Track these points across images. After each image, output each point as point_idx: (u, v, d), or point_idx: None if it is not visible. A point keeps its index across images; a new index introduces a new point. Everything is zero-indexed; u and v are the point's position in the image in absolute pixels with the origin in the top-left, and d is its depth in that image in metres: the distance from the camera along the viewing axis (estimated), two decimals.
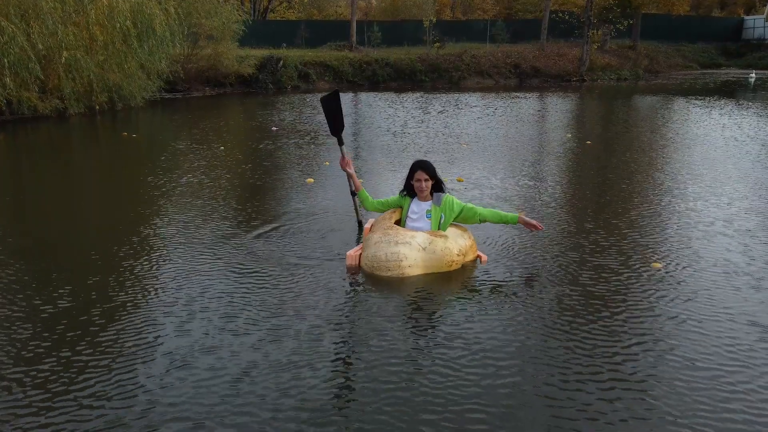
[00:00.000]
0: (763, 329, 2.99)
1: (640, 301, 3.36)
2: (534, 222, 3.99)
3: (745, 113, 13.02)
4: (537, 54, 25.38)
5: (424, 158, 4.42)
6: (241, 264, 3.96)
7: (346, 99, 18.28)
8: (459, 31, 31.03)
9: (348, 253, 3.93)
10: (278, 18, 35.55)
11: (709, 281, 3.63)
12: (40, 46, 12.05)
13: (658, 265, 3.85)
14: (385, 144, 9.25)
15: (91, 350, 2.80)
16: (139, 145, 9.82)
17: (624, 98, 18.73)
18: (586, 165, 7.80)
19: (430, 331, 3.04)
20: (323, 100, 4.50)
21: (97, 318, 3.16)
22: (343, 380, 2.54)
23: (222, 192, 6.11)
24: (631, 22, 26.62)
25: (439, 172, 4.15)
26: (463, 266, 3.84)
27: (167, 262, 4.02)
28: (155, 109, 15.32)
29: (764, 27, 35.35)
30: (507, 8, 36.87)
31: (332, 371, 2.61)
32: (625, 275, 3.74)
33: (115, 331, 2.99)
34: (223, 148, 8.86)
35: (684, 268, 3.87)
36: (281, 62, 21.86)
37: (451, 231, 3.93)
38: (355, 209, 4.77)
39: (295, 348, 2.81)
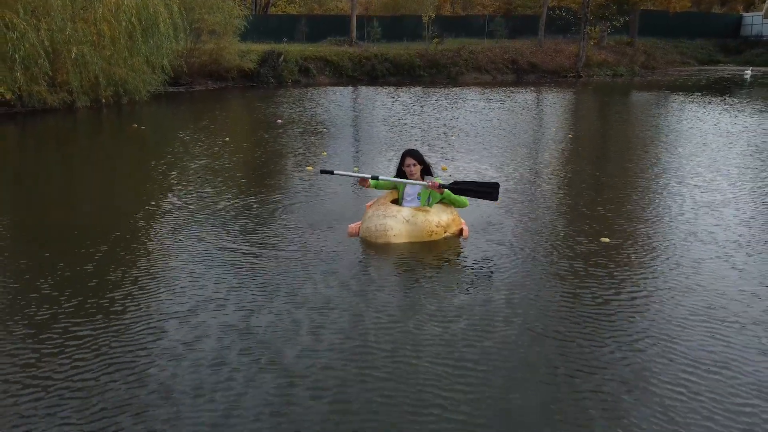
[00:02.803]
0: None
1: (594, 267, 4.02)
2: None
3: (727, 109, 13.65)
4: (534, 50, 25.97)
5: (415, 147, 5.06)
6: (252, 235, 4.62)
7: (345, 93, 18.93)
8: (458, 26, 31.61)
9: (350, 226, 4.64)
10: (279, 12, 36.10)
11: (664, 254, 4.30)
12: (47, 42, 12.65)
13: (606, 240, 4.51)
14: (382, 135, 9.90)
15: (109, 321, 3.47)
16: (147, 136, 10.47)
17: (615, 94, 19.36)
18: (564, 154, 8.45)
19: (409, 290, 3.71)
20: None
21: (112, 290, 3.82)
22: (338, 339, 3.20)
23: (229, 177, 6.77)
24: (627, 18, 27.16)
25: (428, 159, 4.81)
26: (447, 238, 4.50)
27: (181, 236, 4.67)
28: (159, 103, 15.95)
29: (762, 24, 35.90)
30: (506, 4, 37.41)
31: (331, 329, 3.27)
32: (579, 247, 4.40)
33: (130, 299, 3.66)
34: (228, 138, 9.50)
35: (630, 242, 4.53)
36: (282, 57, 22.47)
37: (435, 207, 4.58)
38: (348, 175, 4.99)
39: (299, 304, 3.48)
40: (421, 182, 4.60)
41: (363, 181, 4.75)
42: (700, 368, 2.75)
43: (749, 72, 26.50)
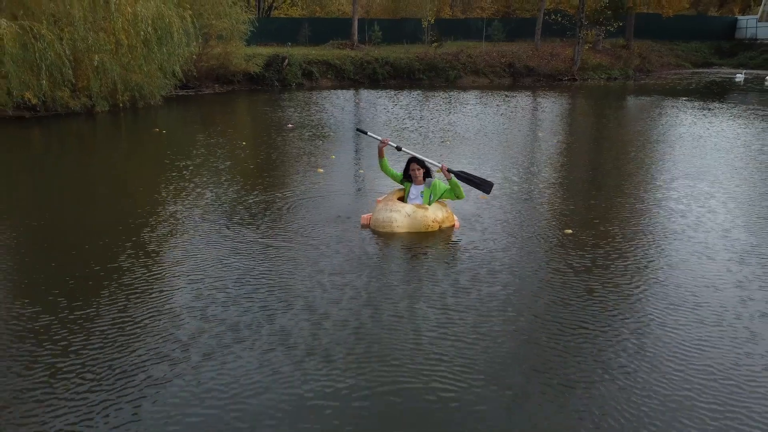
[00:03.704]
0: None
1: (557, 248, 5.16)
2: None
3: (706, 114, 14.79)
4: (531, 54, 27.12)
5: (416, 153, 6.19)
6: (278, 223, 5.76)
7: (348, 97, 20.07)
8: (457, 29, 32.82)
9: (362, 216, 5.80)
10: (282, 15, 37.27)
11: (613, 240, 5.44)
12: (68, 51, 13.81)
13: (569, 231, 5.65)
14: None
15: (173, 284, 4.61)
16: (171, 140, 11.60)
17: (604, 99, 20.52)
18: (546, 157, 9.60)
19: (408, 263, 4.85)
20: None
21: (169, 266, 4.96)
22: (351, 308, 4.34)
23: (252, 177, 7.90)
24: (620, 24, 28.29)
25: (427, 163, 5.96)
26: (442, 229, 5.62)
27: (220, 224, 5.81)
28: (171, 107, 17.09)
29: (757, 27, 37.07)
30: (505, 6, 38.60)
31: (348, 287, 4.40)
32: (547, 235, 5.54)
33: (185, 269, 4.79)
34: (245, 143, 10.65)
35: (588, 232, 5.67)
36: (286, 61, 23.62)
37: (433, 206, 5.72)
38: (372, 137, 6.32)
39: (321, 272, 4.61)
40: (436, 164, 5.76)
41: (382, 145, 5.90)
42: (625, 312, 3.89)
43: (741, 76, 27.48)
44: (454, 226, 5.74)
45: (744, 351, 3.44)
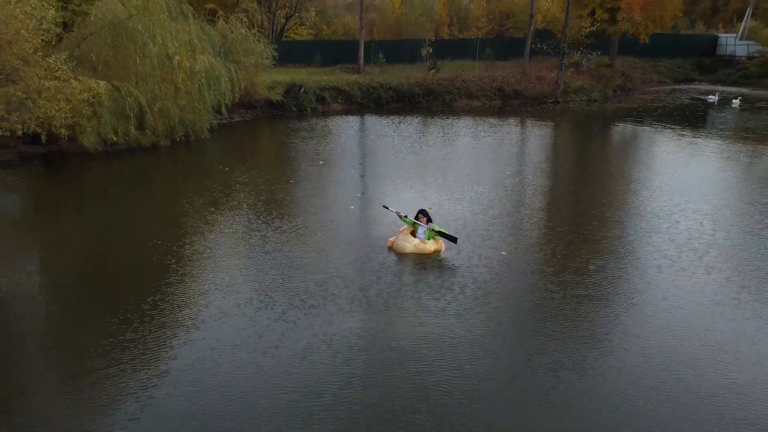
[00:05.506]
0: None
1: (498, 260, 9.89)
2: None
3: (657, 140, 19.54)
4: (519, 78, 31.87)
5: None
6: (323, 239, 10.46)
7: (355, 122, 24.80)
8: (454, 48, 37.69)
9: (389, 239, 10.53)
10: (292, 33, 42.06)
11: (537, 255, 10.16)
12: (142, 101, 18.57)
13: (504, 253, 10.35)
14: (392, 173, 15.73)
15: (243, 279, 9.38)
16: (234, 177, 16.28)
17: (576, 127, 25.29)
18: (507, 192, 14.33)
19: (413, 268, 9.61)
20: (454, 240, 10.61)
21: (231, 270, 9.71)
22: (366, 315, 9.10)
23: (310, 211, 12.61)
24: (599, 53, 33.03)
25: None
26: (434, 253, 10.31)
27: (281, 240, 10.51)
28: (214, 137, 21.80)
29: (735, 45, 41.86)
30: (499, 25, 43.38)
31: (379, 281, 9.14)
32: (488, 254, 10.26)
33: (246, 270, 9.54)
34: (292, 180, 15.38)
35: (520, 252, 10.39)
36: (302, 89, 28.37)
37: (430, 241, 10.43)
38: (392, 211, 11.16)
39: (360, 272, 9.34)
40: (425, 225, 10.48)
41: (398, 215, 10.67)
42: (572, 299, 8.61)
43: (714, 97, 31.74)
44: (441, 250, 10.47)
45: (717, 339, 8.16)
